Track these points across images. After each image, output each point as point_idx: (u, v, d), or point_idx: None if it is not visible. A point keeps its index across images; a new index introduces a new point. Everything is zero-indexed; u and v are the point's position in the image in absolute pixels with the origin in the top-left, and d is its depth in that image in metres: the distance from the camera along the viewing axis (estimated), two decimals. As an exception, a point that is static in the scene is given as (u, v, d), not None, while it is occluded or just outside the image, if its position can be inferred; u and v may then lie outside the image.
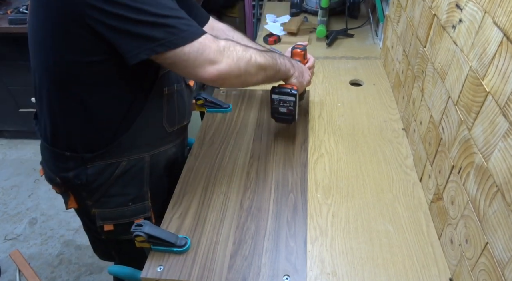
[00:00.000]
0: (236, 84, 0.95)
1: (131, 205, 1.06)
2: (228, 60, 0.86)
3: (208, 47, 0.83)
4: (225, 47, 0.87)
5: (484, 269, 0.72)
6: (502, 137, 0.68)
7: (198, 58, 0.83)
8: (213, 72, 0.85)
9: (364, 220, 1.00)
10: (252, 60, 0.91)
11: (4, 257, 2.04)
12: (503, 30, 0.68)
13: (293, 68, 1.08)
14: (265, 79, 0.98)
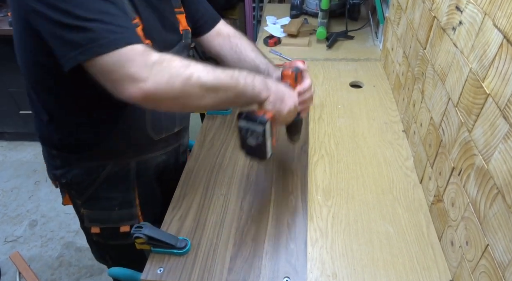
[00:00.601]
0: (174, 107, 0.80)
1: (117, 210, 1.05)
2: (156, 78, 0.71)
3: (130, 60, 0.70)
4: (156, 62, 0.72)
5: (484, 271, 0.72)
6: (502, 139, 0.68)
7: (116, 71, 0.70)
8: (135, 91, 0.71)
9: (365, 222, 1.00)
10: (193, 79, 0.75)
11: (4, 259, 2.04)
12: (503, 32, 0.69)
13: (268, 91, 0.86)
14: (220, 102, 0.81)
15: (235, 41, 1.13)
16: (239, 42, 1.12)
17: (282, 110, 0.88)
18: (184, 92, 0.74)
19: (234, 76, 0.81)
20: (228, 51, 1.12)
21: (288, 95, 0.90)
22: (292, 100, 0.90)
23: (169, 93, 0.73)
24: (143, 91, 0.71)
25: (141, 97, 0.71)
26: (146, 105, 0.75)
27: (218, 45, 1.14)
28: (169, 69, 0.73)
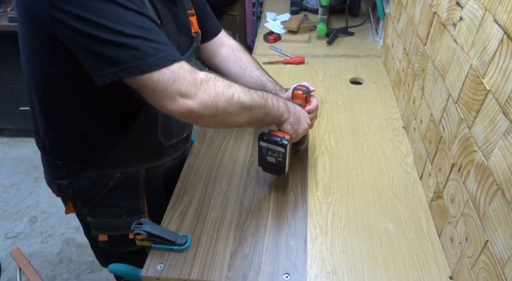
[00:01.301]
0: (213, 123, 0.82)
1: (126, 217, 1.04)
2: (204, 96, 0.74)
3: (181, 78, 0.72)
4: (203, 80, 0.75)
5: (484, 267, 0.73)
6: (502, 135, 0.68)
7: (167, 88, 0.71)
8: (183, 107, 0.73)
9: (364, 219, 1.00)
10: (235, 99, 0.79)
11: (5, 255, 2.04)
12: (504, 28, 0.68)
13: (288, 112, 0.92)
14: (251, 121, 0.85)
15: (239, 55, 1.13)
16: (243, 57, 1.13)
17: (298, 131, 0.94)
18: (226, 110, 0.78)
19: (264, 97, 0.86)
20: (232, 64, 1.12)
21: (304, 116, 0.97)
22: (306, 121, 0.98)
23: (212, 110, 0.76)
24: (189, 107, 0.73)
25: (186, 113, 0.74)
26: (186, 119, 0.77)
27: (222, 56, 1.13)
28: (215, 88, 0.76)
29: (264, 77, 1.11)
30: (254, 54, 1.85)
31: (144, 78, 0.70)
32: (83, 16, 0.66)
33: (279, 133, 0.93)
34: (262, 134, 0.94)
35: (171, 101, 0.73)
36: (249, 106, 0.82)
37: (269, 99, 0.87)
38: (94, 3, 0.66)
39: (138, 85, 0.72)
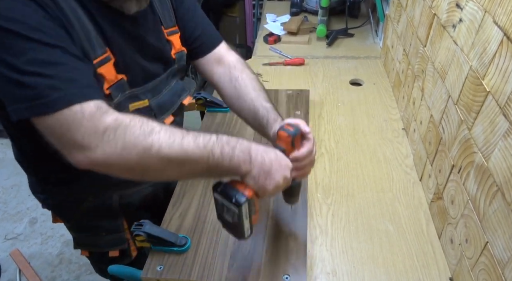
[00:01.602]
0: (130, 176, 0.68)
1: (104, 235, 1.01)
2: (107, 147, 0.62)
3: (77, 125, 0.60)
4: (109, 128, 0.62)
5: (484, 268, 0.72)
6: (502, 136, 0.68)
7: (61, 136, 0.62)
8: (82, 159, 0.62)
9: (364, 220, 1.00)
10: (153, 151, 0.63)
11: (5, 257, 2.04)
12: (503, 30, 0.68)
13: (250, 164, 0.71)
14: (187, 175, 0.72)
15: (236, 74, 0.97)
16: (240, 76, 0.97)
17: (266, 186, 0.73)
18: (141, 164, 0.65)
19: (208, 146, 0.68)
20: (227, 84, 0.98)
21: (276, 168, 0.74)
22: (281, 174, 0.74)
23: (121, 164, 0.64)
24: (90, 160, 0.62)
25: (89, 166, 0.63)
26: (98, 171, 0.65)
27: (216, 74, 0.99)
28: (124, 137, 0.62)
29: (258, 102, 0.92)
30: (254, 55, 1.85)
31: (40, 122, 0.62)
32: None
33: (241, 185, 0.73)
34: (218, 183, 0.74)
35: (68, 153, 0.63)
36: (178, 160, 0.66)
37: (217, 148, 0.68)
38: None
39: (39, 128, 0.63)
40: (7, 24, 0.60)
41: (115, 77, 0.77)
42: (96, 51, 0.72)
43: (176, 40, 0.93)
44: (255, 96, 0.93)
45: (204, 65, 1.00)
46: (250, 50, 2.77)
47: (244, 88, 0.95)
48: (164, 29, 0.90)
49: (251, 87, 0.95)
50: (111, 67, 0.76)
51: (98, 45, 0.73)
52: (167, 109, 0.93)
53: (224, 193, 0.72)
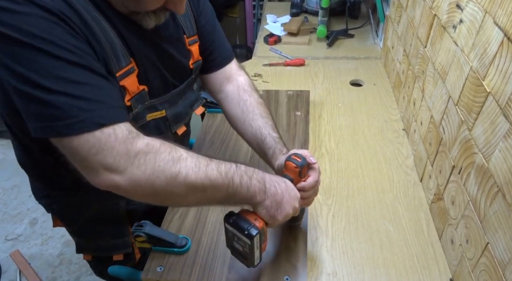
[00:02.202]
0: (149, 201, 0.68)
1: (109, 240, 1.00)
2: (137, 172, 0.61)
3: (108, 147, 0.60)
4: (140, 151, 0.62)
5: (484, 269, 0.72)
6: (502, 137, 0.68)
7: (89, 158, 0.60)
8: (107, 182, 0.61)
9: (365, 220, 1.00)
10: (180, 177, 0.64)
11: (5, 257, 2.04)
12: (504, 30, 0.68)
13: (264, 194, 0.73)
14: (206, 202, 0.72)
15: (244, 97, 0.96)
16: (249, 100, 0.96)
17: (276, 216, 0.75)
18: (166, 191, 0.65)
19: (229, 174, 0.69)
20: (234, 106, 0.96)
21: (287, 199, 0.76)
22: (291, 204, 0.76)
23: (147, 190, 0.64)
24: (115, 183, 0.61)
25: (112, 188, 0.62)
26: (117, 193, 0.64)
27: (225, 93, 0.98)
28: (154, 162, 0.62)
29: (266, 130, 0.91)
30: (254, 56, 1.85)
31: (64, 142, 0.60)
32: (11, 65, 0.59)
33: (251, 216, 0.75)
34: (230, 214, 0.76)
35: (92, 173, 0.61)
36: (201, 187, 0.67)
37: (237, 177, 0.70)
38: (19, 51, 0.58)
39: (60, 148, 0.62)
40: (33, 41, 0.58)
41: (137, 88, 0.77)
42: (121, 63, 0.72)
43: (196, 50, 0.93)
44: (263, 123, 0.93)
45: (213, 80, 1.00)
46: (251, 51, 2.77)
47: (251, 112, 0.94)
48: (186, 38, 0.90)
49: (258, 113, 0.94)
50: (134, 78, 0.76)
51: (123, 56, 0.73)
52: (182, 119, 0.94)
53: (236, 224, 0.74)
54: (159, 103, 0.85)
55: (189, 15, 0.90)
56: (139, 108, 0.80)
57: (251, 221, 0.74)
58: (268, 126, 0.93)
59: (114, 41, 0.71)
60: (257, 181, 0.72)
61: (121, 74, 0.73)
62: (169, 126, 0.90)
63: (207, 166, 0.67)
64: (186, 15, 0.89)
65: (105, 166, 0.60)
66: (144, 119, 0.83)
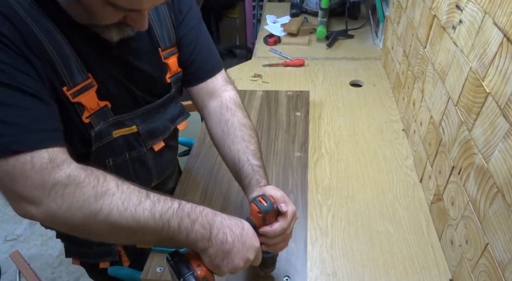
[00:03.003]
0: (79, 235, 0.62)
1: (94, 247, 0.97)
2: (53, 205, 0.56)
3: (25, 177, 0.55)
4: (59, 183, 0.56)
5: (484, 270, 0.72)
6: (502, 138, 0.68)
7: (5, 185, 0.56)
8: (25, 212, 0.58)
9: (365, 221, 1.00)
10: (101, 216, 0.58)
11: (4, 258, 2.04)
12: (503, 31, 0.68)
13: (208, 241, 0.65)
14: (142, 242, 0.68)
15: (227, 116, 0.87)
16: (231, 120, 0.87)
17: (221, 267, 0.67)
18: (86, 228, 0.59)
19: (164, 216, 0.62)
20: (215, 124, 0.89)
21: (238, 249, 0.67)
22: (242, 256, 0.67)
23: (65, 224, 0.59)
24: (32, 214, 0.57)
25: (30, 218, 0.58)
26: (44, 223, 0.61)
27: (208, 109, 0.91)
28: (72, 197, 0.57)
29: (246, 156, 0.82)
30: (254, 56, 1.86)
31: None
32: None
33: (196, 261, 0.67)
34: (174, 254, 0.69)
35: (11, 201, 0.58)
36: (127, 228, 0.60)
37: (175, 220, 0.62)
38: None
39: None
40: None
41: (97, 105, 0.74)
42: (75, 78, 0.69)
43: (173, 62, 0.87)
44: (243, 148, 0.84)
45: (195, 94, 0.92)
46: (250, 51, 2.77)
47: (232, 134, 0.85)
48: (162, 52, 0.84)
49: (240, 136, 0.85)
50: (93, 94, 0.73)
51: (79, 71, 0.70)
52: (158, 135, 0.90)
53: (176, 267, 0.67)
54: (128, 119, 0.81)
55: (167, 25, 0.84)
56: (101, 125, 0.76)
57: (193, 267, 0.66)
58: (248, 151, 0.83)
59: (67, 55, 0.67)
60: (201, 226, 0.64)
61: (77, 90, 0.69)
62: (143, 141, 0.86)
63: (138, 204, 0.60)
64: (164, 25, 0.84)
65: (21, 196, 0.56)
66: (110, 136, 0.79)
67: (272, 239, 0.72)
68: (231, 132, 0.86)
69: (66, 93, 0.68)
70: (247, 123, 0.89)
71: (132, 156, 0.86)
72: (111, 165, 0.83)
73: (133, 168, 0.87)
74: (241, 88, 1.56)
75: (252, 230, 0.70)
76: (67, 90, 0.68)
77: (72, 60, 0.68)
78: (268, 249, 0.74)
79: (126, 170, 0.86)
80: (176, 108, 0.94)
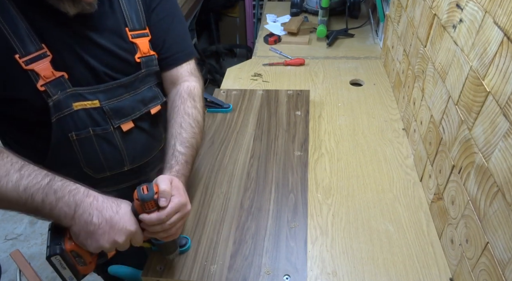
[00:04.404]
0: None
1: None
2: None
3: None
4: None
5: (484, 269, 0.72)
6: (502, 137, 0.68)
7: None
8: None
9: (365, 220, 1.00)
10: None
11: (5, 257, 2.04)
12: (504, 30, 0.68)
13: (71, 219, 0.68)
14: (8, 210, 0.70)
15: (177, 103, 0.93)
16: (179, 107, 0.92)
17: (86, 246, 0.70)
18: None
19: (30, 190, 0.66)
20: (168, 111, 0.95)
21: (104, 232, 0.69)
22: (108, 238, 0.69)
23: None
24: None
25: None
26: None
27: (167, 97, 0.98)
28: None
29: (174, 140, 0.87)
30: (254, 55, 1.86)
31: None
32: None
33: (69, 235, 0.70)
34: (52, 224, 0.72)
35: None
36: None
37: (39, 194, 0.66)
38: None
39: None
40: None
41: (52, 74, 0.78)
42: (28, 48, 0.75)
43: (143, 44, 0.90)
44: (175, 133, 0.87)
45: (164, 81, 0.98)
46: (250, 51, 2.77)
47: (173, 120, 0.90)
48: (129, 31, 0.88)
49: (178, 123, 0.89)
50: (48, 64, 0.78)
51: (31, 41, 0.75)
52: (126, 115, 0.91)
53: (48, 236, 0.69)
54: (88, 92, 0.84)
55: (137, 8, 0.89)
56: (59, 94, 0.80)
57: (65, 239, 0.69)
58: (179, 137, 0.86)
59: (17, 26, 0.73)
60: (65, 205, 0.67)
61: (30, 58, 0.75)
62: (109, 119, 0.88)
63: (4, 176, 0.65)
64: (133, 7, 0.89)
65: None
66: (70, 107, 0.83)
67: (150, 227, 0.73)
68: (173, 117, 0.91)
69: (18, 60, 0.74)
70: (193, 113, 0.92)
71: (96, 132, 0.87)
72: (75, 139, 0.85)
73: (100, 148, 0.89)
74: (241, 87, 1.56)
75: (129, 214, 0.72)
76: (19, 57, 0.74)
77: (22, 30, 0.74)
78: (151, 236, 0.76)
79: (92, 148, 0.88)
80: (150, 91, 0.95)
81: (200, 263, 0.88)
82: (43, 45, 0.77)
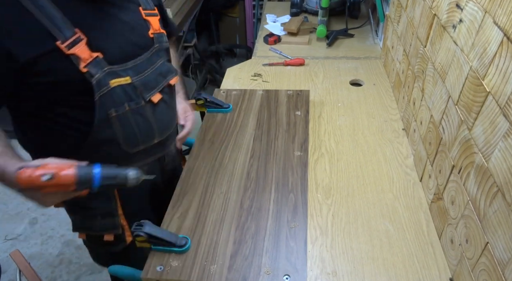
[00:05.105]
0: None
1: (100, 218, 1.03)
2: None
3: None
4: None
5: (484, 269, 0.72)
6: (502, 137, 0.68)
7: None
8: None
9: (364, 220, 1.00)
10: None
11: (5, 257, 2.04)
12: (504, 30, 0.68)
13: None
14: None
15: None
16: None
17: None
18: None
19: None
20: None
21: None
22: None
23: None
24: None
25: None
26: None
27: None
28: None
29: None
30: (254, 55, 1.86)
31: None
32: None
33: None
34: None
35: None
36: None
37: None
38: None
39: None
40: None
41: (89, 56, 0.84)
42: (65, 34, 0.80)
43: (154, 22, 1.00)
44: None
45: None
46: (250, 51, 2.77)
47: None
48: (142, 10, 0.98)
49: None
50: (84, 46, 0.83)
51: (66, 27, 0.81)
52: (153, 88, 0.98)
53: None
54: (121, 69, 0.90)
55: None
56: (99, 73, 0.86)
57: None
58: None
59: (54, 15, 0.79)
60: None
61: (69, 43, 0.81)
62: (141, 93, 0.95)
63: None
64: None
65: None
66: (108, 85, 0.88)
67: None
68: None
69: (60, 46, 0.80)
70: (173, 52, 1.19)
71: (131, 107, 0.93)
72: (113, 116, 0.91)
73: (136, 122, 0.95)
74: (241, 87, 1.56)
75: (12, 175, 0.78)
76: (61, 43, 0.80)
77: (58, 19, 0.80)
78: None
79: (128, 123, 0.94)
80: (165, 66, 1.04)
81: (200, 263, 0.88)
82: (76, 29, 0.82)
